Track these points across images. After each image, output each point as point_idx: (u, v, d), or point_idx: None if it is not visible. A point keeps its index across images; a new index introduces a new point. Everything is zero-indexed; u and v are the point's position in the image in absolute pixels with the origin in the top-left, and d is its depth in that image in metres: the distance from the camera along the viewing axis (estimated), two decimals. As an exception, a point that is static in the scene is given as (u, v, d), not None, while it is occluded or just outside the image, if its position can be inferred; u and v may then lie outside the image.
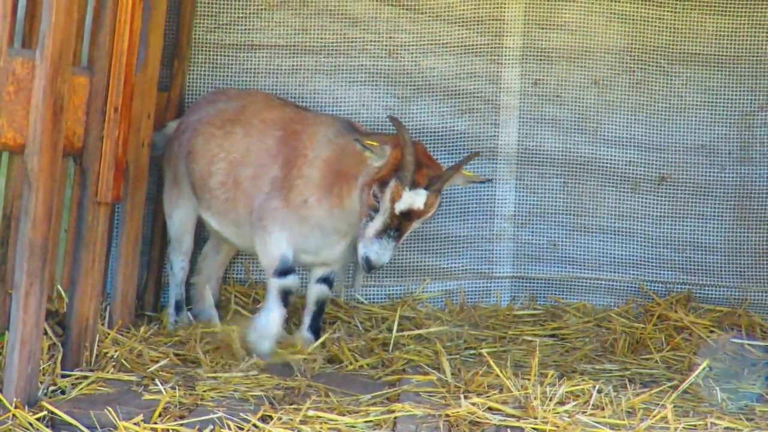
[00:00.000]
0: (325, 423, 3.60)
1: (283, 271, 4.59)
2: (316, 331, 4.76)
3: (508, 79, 5.52)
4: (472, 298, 5.51)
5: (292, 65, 5.45)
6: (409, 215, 4.36)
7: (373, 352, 4.69)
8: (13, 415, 3.46)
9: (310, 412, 3.66)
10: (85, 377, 3.93)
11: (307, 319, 4.79)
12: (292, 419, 3.60)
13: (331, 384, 4.16)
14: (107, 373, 4.02)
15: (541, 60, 5.52)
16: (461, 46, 5.48)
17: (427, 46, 5.47)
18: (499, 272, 5.56)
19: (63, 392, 3.80)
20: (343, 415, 3.70)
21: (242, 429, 3.51)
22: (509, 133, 5.53)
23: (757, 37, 5.49)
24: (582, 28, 5.51)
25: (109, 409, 3.54)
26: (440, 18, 5.46)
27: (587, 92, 5.55)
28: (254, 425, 3.54)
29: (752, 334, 5.15)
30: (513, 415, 3.71)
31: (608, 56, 5.53)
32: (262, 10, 5.43)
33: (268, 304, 4.61)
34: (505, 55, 5.51)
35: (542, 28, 5.50)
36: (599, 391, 3.96)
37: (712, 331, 5.09)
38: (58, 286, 4.61)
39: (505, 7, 5.47)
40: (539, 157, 5.55)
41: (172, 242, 5.10)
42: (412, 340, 4.90)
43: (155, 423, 3.53)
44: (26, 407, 3.52)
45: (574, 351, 4.92)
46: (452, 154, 5.41)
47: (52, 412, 3.52)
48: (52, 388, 3.80)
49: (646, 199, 5.56)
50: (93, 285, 4.08)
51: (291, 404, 3.83)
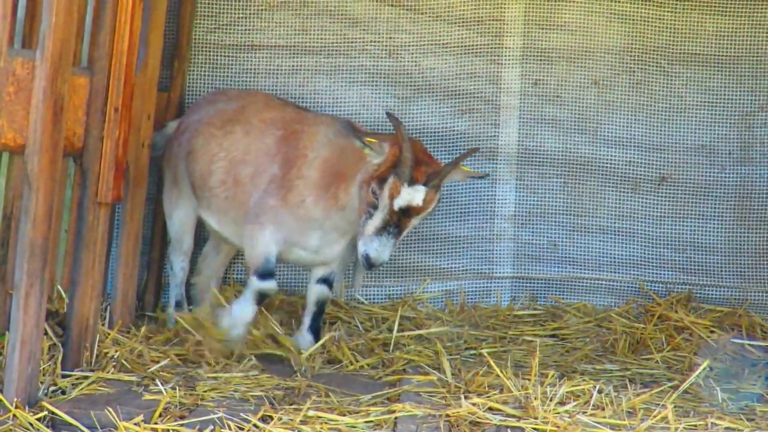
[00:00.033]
0: (326, 423, 3.60)
1: (264, 274, 4.59)
2: (317, 331, 4.76)
3: (509, 80, 5.52)
4: (472, 299, 5.51)
5: (293, 66, 5.45)
6: (408, 212, 4.37)
7: (374, 353, 4.70)
8: (14, 416, 3.46)
9: (311, 413, 3.66)
10: (86, 377, 3.93)
11: (307, 320, 4.78)
12: (292, 419, 3.60)
13: (332, 384, 4.16)
14: (107, 373, 4.02)
15: (541, 60, 5.52)
16: (461, 47, 5.48)
17: (427, 47, 5.47)
18: (500, 272, 5.56)
19: (63, 392, 3.80)
20: (344, 416, 3.70)
21: (243, 429, 3.51)
22: (509, 134, 5.53)
23: (757, 38, 5.49)
24: (582, 29, 5.50)
25: (110, 409, 3.53)
26: (440, 18, 5.46)
27: (587, 92, 5.55)
28: (254, 425, 3.53)
29: (753, 334, 5.15)
30: (513, 416, 3.71)
31: (608, 56, 5.52)
32: (262, 10, 5.43)
33: (243, 298, 4.61)
34: (506, 56, 5.51)
35: (542, 29, 5.50)
36: (600, 392, 3.96)
37: (712, 332, 5.09)
38: (59, 287, 4.61)
39: (505, 8, 5.47)
40: (539, 158, 5.55)
41: (172, 242, 5.10)
42: (413, 340, 4.90)
43: (156, 423, 3.53)
44: (26, 407, 3.52)
45: (574, 351, 4.92)
46: (452, 154, 5.39)
47: (53, 413, 3.52)
48: (52, 389, 3.80)
49: (647, 199, 5.55)
50: (93, 285, 4.08)
51: (291, 404, 3.83)
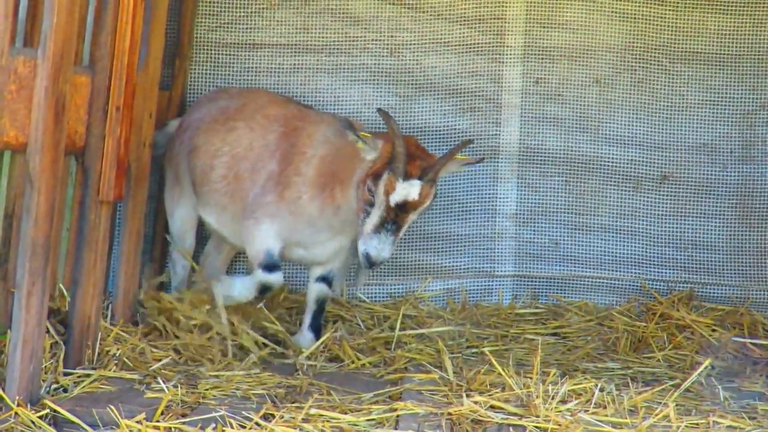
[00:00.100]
0: (328, 421, 3.60)
1: (269, 266, 4.57)
2: (317, 329, 4.76)
3: (510, 78, 5.51)
4: (473, 297, 5.51)
5: (294, 64, 5.45)
6: (404, 207, 4.36)
7: (375, 351, 4.69)
8: (16, 414, 3.46)
9: (313, 411, 3.66)
10: (88, 375, 3.93)
11: (307, 318, 4.78)
12: (294, 417, 3.60)
13: (333, 382, 4.16)
14: (109, 371, 4.02)
15: (542, 58, 5.52)
16: (463, 45, 5.48)
17: (428, 45, 5.47)
18: (501, 271, 5.56)
19: (65, 390, 3.80)
20: (346, 414, 3.70)
21: (244, 427, 3.51)
22: (511, 132, 5.53)
23: (758, 36, 5.48)
24: (583, 27, 5.50)
25: (112, 407, 3.54)
26: (442, 17, 5.46)
27: (589, 91, 5.54)
28: (256, 423, 3.53)
29: (754, 332, 5.14)
30: (515, 414, 3.71)
31: (610, 55, 5.52)
32: (263, 9, 5.43)
33: (246, 280, 4.60)
34: (507, 54, 5.50)
35: (544, 27, 5.50)
36: (601, 390, 3.96)
37: (714, 330, 5.08)
38: (60, 285, 4.61)
39: (506, 6, 5.47)
40: (541, 156, 5.55)
41: (173, 241, 5.10)
42: (414, 338, 4.90)
43: (157, 421, 3.53)
44: (29, 405, 3.52)
45: (576, 349, 4.91)
46: (454, 152, 5.41)
47: (55, 411, 3.53)
48: (54, 387, 3.80)
49: (648, 197, 5.55)
50: (95, 284, 4.08)
51: (293, 402, 3.83)
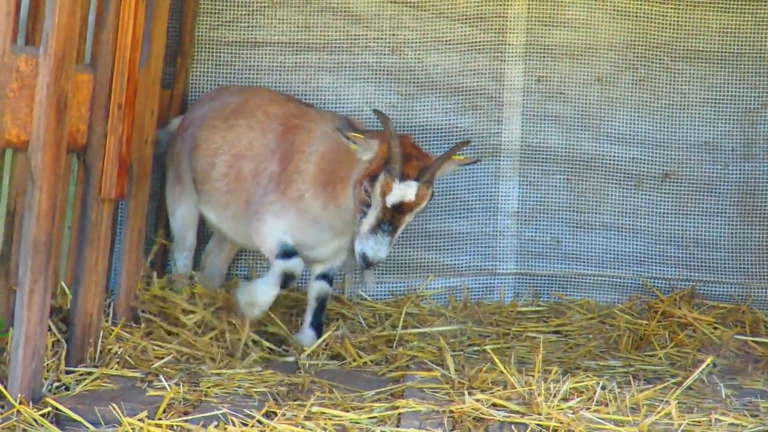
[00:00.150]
0: (330, 419, 3.60)
1: (286, 254, 4.56)
2: (319, 327, 4.76)
3: (511, 76, 5.51)
4: (475, 295, 5.51)
5: (295, 62, 5.45)
6: (401, 208, 4.35)
7: (377, 349, 4.69)
8: (18, 411, 3.46)
9: (315, 408, 3.66)
10: (89, 373, 3.93)
11: (308, 316, 4.78)
12: (296, 415, 3.60)
13: (335, 380, 4.16)
14: (111, 369, 4.02)
15: (544, 57, 5.52)
16: (464, 43, 5.48)
17: (430, 43, 5.47)
18: (503, 269, 5.56)
19: (67, 388, 3.80)
20: (348, 412, 3.70)
21: (246, 425, 3.51)
22: (512, 130, 5.53)
23: (760, 34, 5.48)
24: (585, 25, 5.50)
25: (114, 405, 3.54)
26: (443, 15, 5.46)
27: (590, 89, 5.54)
28: (258, 421, 3.53)
29: (756, 330, 5.14)
30: (517, 412, 3.70)
31: (611, 53, 5.52)
32: (265, 7, 5.43)
33: (268, 278, 4.56)
34: (509, 52, 5.50)
35: (545, 25, 5.50)
36: (603, 388, 3.96)
37: (715, 328, 5.08)
38: (62, 283, 4.60)
39: (508, 4, 5.47)
40: (542, 154, 5.55)
41: (175, 239, 5.10)
42: (416, 336, 4.90)
43: (159, 419, 3.52)
44: (30, 403, 3.52)
45: (577, 347, 4.91)
46: (455, 151, 5.40)
47: (57, 409, 3.53)
48: (56, 385, 3.81)
49: (650, 195, 5.55)
50: (97, 281, 4.08)
51: (295, 400, 3.83)
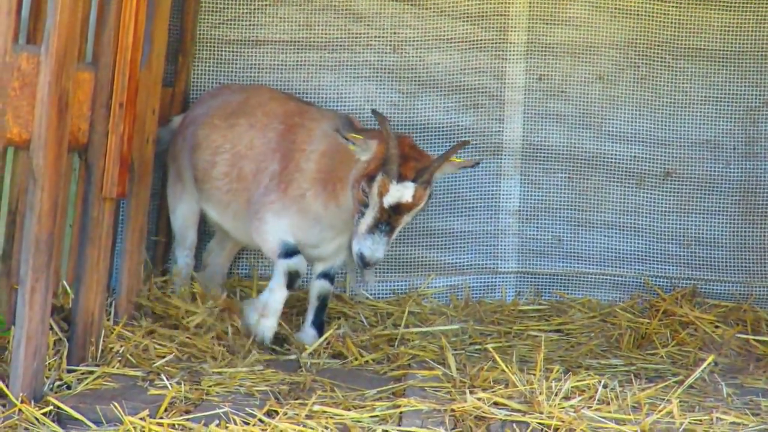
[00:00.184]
0: (331, 418, 3.60)
1: (288, 253, 4.57)
2: (320, 326, 4.76)
3: (513, 75, 5.51)
4: (477, 294, 5.51)
5: (297, 61, 5.45)
6: (398, 209, 4.34)
7: (379, 348, 4.69)
8: (20, 410, 3.46)
9: (316, 407, 3.66)
10: (91, 372, 3.93)
11: (310, 315, 4.78)
12: (297, 414, 3.60)
13: (337, 379, 4.16)
14: (113, 368, 4.02)
15: (545, 55, 5.51)
16: (466, 42, 5.47)
17: (431, 42, 5.46)
18: (504, 267, 5.56)
19: (69, 387, 3.80)
20: (349, 410, 3.69)
21: (248, 424, 3.51)
22: (514, 129, 5.53)
23: (762, 32, 5.48)
24: (587, 24, 5.50)
25: (115, 404, 3.54)
26: (445, 13, 5.45)
27: (592, 87, 5.54)
28: (260, 420, 3.53)
29: (757, 329, 5.14)
30: (519, 410, 3.70)
31: (613, 51, 5.52)
32: (266, 5, 5.43)
33: (273, 282, 4.59)
34: (510, 51, 5.50)
35: (547, 24, 5.50)
36: (605, 386, 3.95)
37: (717, 327, 5.08)
38: (64, 282, 4.60)
39: (509, 3, 5.46)
40: (544, 153, 5.55)
41: (176, 237, 5.10)
42: (417, 335, 4.90)
43: (161, 418, 3.52)
44: (32, 402, 3.52)
45: (579, 346, 4.91)
46: (456, 149, 5.40)
47: (58, 407, 3.53)
48: (57, 383, 3.81)
49: (651, 194, 5.55)
50: (98, 280, 4.08)
51: (296, 399, 3.83)
